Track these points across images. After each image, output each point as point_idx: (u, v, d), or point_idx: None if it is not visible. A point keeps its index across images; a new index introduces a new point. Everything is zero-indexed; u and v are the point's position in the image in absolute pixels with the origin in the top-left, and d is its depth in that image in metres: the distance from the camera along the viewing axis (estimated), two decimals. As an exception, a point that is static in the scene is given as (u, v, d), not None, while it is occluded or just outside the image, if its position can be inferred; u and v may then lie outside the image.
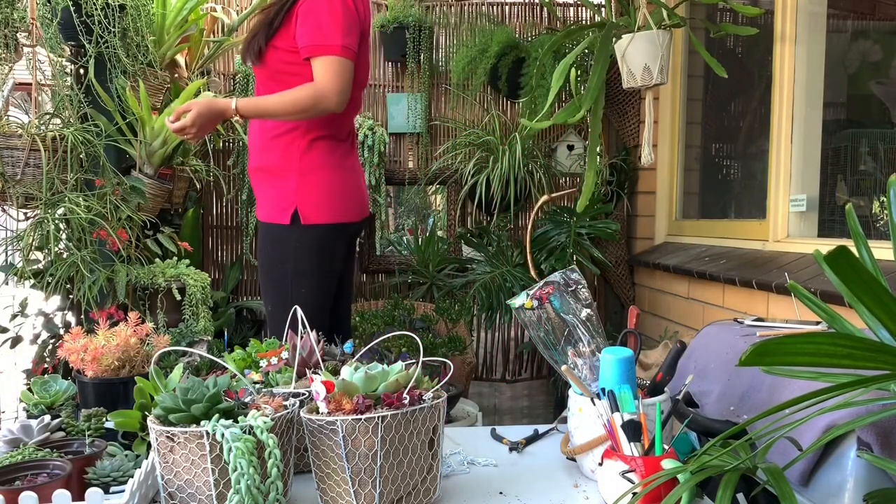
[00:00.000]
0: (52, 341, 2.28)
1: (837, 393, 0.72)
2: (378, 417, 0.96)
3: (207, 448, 0.93)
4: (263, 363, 1.36)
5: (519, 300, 1.31)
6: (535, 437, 1.37)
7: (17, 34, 2.17)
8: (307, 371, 1.27)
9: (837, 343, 0.61)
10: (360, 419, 0.96)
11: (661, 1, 2.02)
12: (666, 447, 1.02)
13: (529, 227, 2.68)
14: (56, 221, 2.03)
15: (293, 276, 1.76)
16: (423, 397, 1.02)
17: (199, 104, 1.69)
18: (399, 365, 1.07)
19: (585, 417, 1.15)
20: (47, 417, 1.23)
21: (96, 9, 2.12)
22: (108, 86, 2.20)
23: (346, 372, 1.04)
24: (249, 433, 0.94)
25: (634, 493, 0.93)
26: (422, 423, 1.01)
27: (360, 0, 1.74)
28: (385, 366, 1.07)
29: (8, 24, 2.12)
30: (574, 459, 1.21)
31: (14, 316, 2.28)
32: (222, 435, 0.92)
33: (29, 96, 2.39)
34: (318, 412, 1.01)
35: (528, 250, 2.52)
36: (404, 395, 1.00)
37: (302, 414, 1.02)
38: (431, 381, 1.09)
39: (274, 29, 1.72)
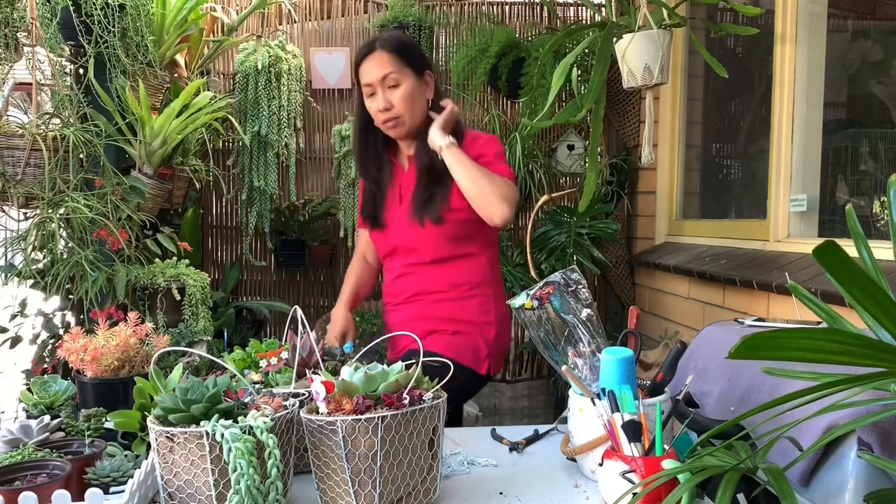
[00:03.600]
0: (51, 341, 2.28)
1: (833, 391, 0.72)
2: (378, 418, 0.95)
3: (207, 448, 0.93)
4: (263, 363, 1.36)
5: (519, 300, 1.31)
6: (535, 437, 1.36)
7: (17, 34, 2.17)
8: (307, 371, 1.27)
9: (832, 339, 0.61)
10: (360, 419, 0.95)
11: (661, 0, 2.02)
12: (666, 447, 1.02)
13: (529, 227, 2.68)
14: (58, 221, 2.03)
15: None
16: (423, 397, 1.02)
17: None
18: (399, 365, 1.07)
19: (585, 418, 1.15)
20: (47, 417, 1.22)
21: (96, 9, 2.11)
22: (107, 86, 2.20)
23: (346, 372, 1.04)
24: (249, 433, 0.94)
25: (635, 494, 0.92)
26: (422, 424, 1.01)
27: None
28: (385, 366, 1.07)
29: (8, 23, 2.12)
30: (574, 459, 1.21)
31: (14, 316, 2.28)
32: (222, 435, 0.92)
33: (29, 96, 2.39)
34: (317, 412, 1.01)
35: (528, 250, 2.52)
36: (404, 395, 0.99)
37: (302, 414, 1.02)
38: (431, 381, 1.09)
39: (447, 190, 1.75)
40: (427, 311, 1.83)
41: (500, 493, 1.11)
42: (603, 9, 2.24)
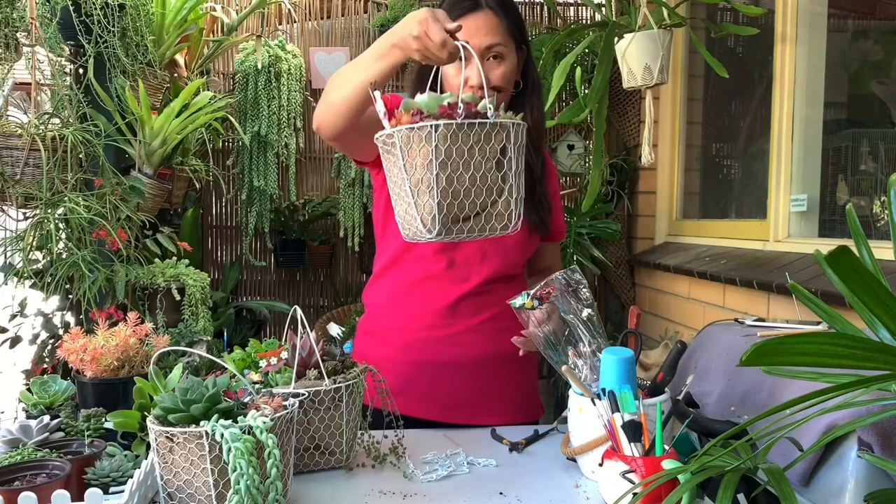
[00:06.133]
0: (51, 341, 2.28)
1: (838, 393, 0.72)
2: (431, 126, 0.94)
3: (207, 448, 0.93)
4: (263, 363, 1.35)
5: (519, 300, 1.30)
6: (535, 437, 1.36)
7: (17, 34, 2.17)
8: (306, 371, 1.26)
9: (838, 343, 0.61)
10: (414, 128, 0.95)
11: (661, 0, 2.02)
12: (666, 447, 1.02)
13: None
14: (56, 221, 2.03)
15: None
16: (488, 115, 0.97)
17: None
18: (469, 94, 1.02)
19: (586, 418, 1.15)
20: (46, 418, 1.22)
21: (96, 8, 2.11)
22: (107, 85, 2.20)
23: (417, 97, 1.01)
24: (249, 433, 0.94)
25: (635, 494, 0.92)
26: (485, 141, 0.97)
27: None
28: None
29: (8, 23, 2.12)
30: (574, 460, 1.21)
31: (13, 316, 2.28)
32: (221, 435, 0.92)
33: (28, 96, 2.39)
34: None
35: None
36: (460, 108, 0.96)
37: (375, 137, 1.01)
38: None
39: (550, 197, 1.50)
40: (501, 346, 1.40)
41: (500, 493, 1.11)
42: (603, 8, 2.24)
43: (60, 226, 2.07)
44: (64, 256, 2.10)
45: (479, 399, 1.47)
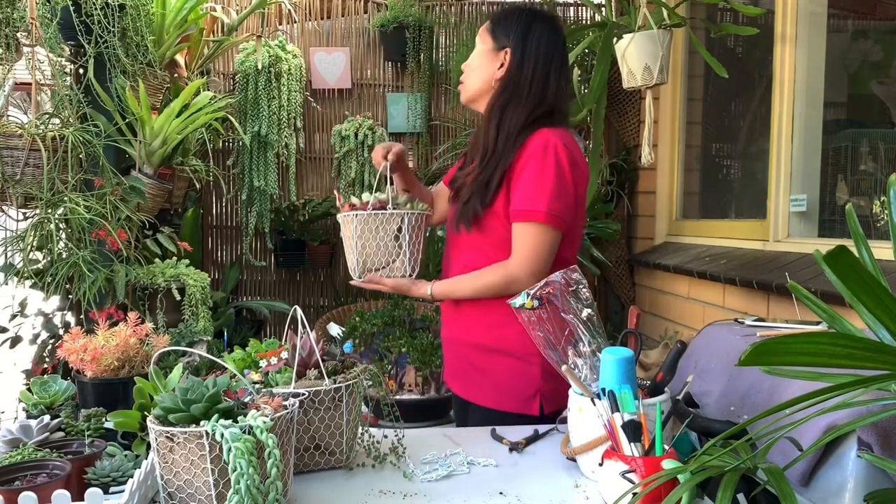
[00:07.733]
0: (51, 341, 2.28)
1: (837, 393, 0.72)
2: (353, 214, 1.53)
3: (207, 448, 0.93)
4: (263, 363, 1.35)
5: (519, 300, 1.30)
6: (535, 437, 1.36)
7: (17, 34, 2.17)
8: (306, 371, 1.27)
9: (837, 343, 0.61)
10: (347, 215, 1.54)
11: (661, 0, 2.02)
12: (666, 447, 1.02)
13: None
14: (56, 221, 2.03)
15: None
16: (387, 208, 1.52)
17: (401, 286, 1.59)
18: (396, 197, 1.56)
19: (586, 418, 1.15)
20: (47, 417, 1.22)
21: (96, 8, 2.11)
22: (107, 86, 2.20)
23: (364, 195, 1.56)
24: (249, 433, 0.94)
25: (635, 494, 0.92)
26: (385, 223, 1.53)
27: (579, 177, 1.61)
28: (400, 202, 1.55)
29: (8, 23, 2.12)
30: (574, 460, 1.21)
31: (14, 316, 2.28)
32: (222, 435, 0.92)
33: (28, 96, 2.39)
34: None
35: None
36: (369, 206, 1.52)
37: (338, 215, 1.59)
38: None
39: (492, 192, 1.53)
40: (472, 336, 1.62)
41: (500, 493, 1.11)
42: (603, 8, 2.24)
43: (61, 226, 2.07)
44: (64, 256, 2.10)
45: (459, 374, 1.68)
